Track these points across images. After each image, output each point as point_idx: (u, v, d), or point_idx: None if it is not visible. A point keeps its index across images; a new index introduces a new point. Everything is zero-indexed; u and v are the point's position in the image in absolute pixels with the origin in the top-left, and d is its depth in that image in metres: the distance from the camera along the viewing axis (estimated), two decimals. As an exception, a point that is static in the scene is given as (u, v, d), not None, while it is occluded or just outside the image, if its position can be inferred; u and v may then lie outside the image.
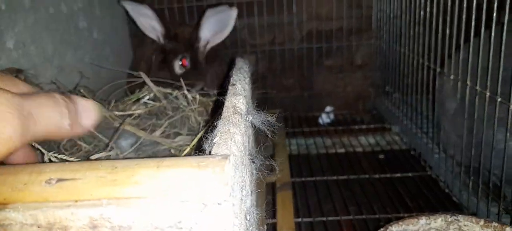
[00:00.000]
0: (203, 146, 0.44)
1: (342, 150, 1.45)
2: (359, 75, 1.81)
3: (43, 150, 0.65)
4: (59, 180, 0.33)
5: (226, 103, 0.54)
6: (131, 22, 1.70)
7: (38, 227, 0.32)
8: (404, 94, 1.42)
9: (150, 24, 1.38)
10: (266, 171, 0.61)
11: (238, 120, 0.49)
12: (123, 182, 0.32)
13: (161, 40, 1.37)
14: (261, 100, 1.78)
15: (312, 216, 1.07)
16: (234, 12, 1.36)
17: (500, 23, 0.85)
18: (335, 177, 1.24)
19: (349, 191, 1.18)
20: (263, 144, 0.62)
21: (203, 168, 0.32)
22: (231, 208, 0.32)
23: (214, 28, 1.38)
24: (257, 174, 0.63)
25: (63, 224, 0.32)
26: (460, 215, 0.77)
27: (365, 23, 1.73)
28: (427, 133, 1.26)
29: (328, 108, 1.81)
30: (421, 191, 1.14)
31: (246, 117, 0.52)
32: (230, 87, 0.63)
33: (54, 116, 0.38)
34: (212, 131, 0.47)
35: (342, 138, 1.53)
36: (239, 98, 0.57)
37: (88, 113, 0.44)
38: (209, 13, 1.34)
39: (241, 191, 0.39)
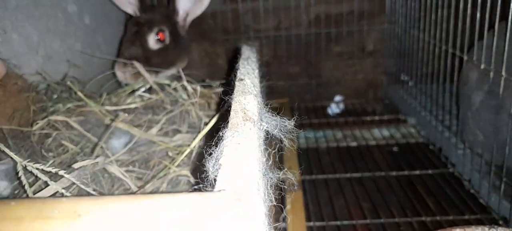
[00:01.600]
0: (207, 168, 0.34)
1: (354, 143, 1.34)
2: (370, 62, 1.70)
3: (16, 158, 0.55)
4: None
5: (234, 105, 0.44)
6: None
7: None
8: (422, 84, 1.31)
9: None
10: (286, 185, 0.51)
11: (250, 129, 0.39)
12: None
13: (137, 13, 1.20)
14: (266, 89, 1.68)
15: (325, 219, 0.98)
16: None
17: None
18: (348, 175, 1.14)
19: (364, 190, 1.08)
20: (277, 152, 0.51)
21: (209, 215, 0.22)
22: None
23: None
24: (272, 193, 0.53)
25: None
26: (499, 228, 0.67)
27: (378, 6, 1.61)
28: (449, 126, 1.16)
29: (337, 98, 1.71)
30: (443, 190, 1.05)
31: (259, 124, 0.42)
32: (237, 83, 0.53)
33: None
34: (217, 142, 0.37)
35: (354, 130, 1.43)
36: (249, 98, 0.46)
37: None
38: None
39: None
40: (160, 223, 0.23)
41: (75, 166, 0.61)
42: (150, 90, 0.98)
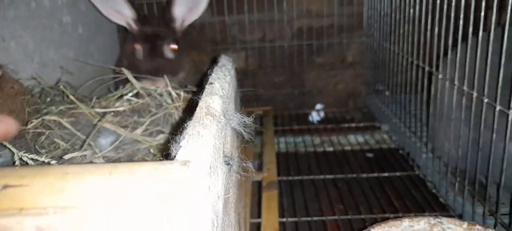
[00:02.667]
0: (171, 149, 0.42)
1: (331, 148, 1.43)
2: (350, 73, 1.80)
3: (13, 149, 0.63)
4: (5, 186, 0.31)
5: (200, 104, 0.53)
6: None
7: (-17, 236, 0.31)
8: (394, 93, 1.40)
9: (116, 9, 1.27)
10: (252, 167, 0.59)
11: (210, 122, 0.47)
12: (71, 190, 0.30)
13: (133, 25, 1.28)
14: (251, 97, 1.77)
15: (297, 215, 1.06)
16: None
17: (500, 24, 0.83)
18: (322, 176, 1.23)
19: (336, 190, 1.17)
20: (250, 140, 0.59)
21: (157, 176, 0.30)
22: (188, 218, 0.31)
23: (188, 4, 1.29)
24: (236, 175, 0.62)
25: (9, 233, 0.30)
26: (443, 218, 0.76)
27: (356, 21, 1.72)
28: (415, 132, 1.25)
29: (318, 106, 1.80)
30: (408, 190, 1.13)
31: (220, 119, 0.50)
32: (207, 86, 0.61)
33: None
34: (181, 133, 0.45)
35: (331, 136, 1.51)
36: (214, 98, 0.55)
37: None
38: None
39: (206, 197, 0.37)
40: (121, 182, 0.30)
41: (66, 157, 0.69)
42: (137, 95, 1.06)
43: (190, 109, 0.99)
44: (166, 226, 0.29)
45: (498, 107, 0.80)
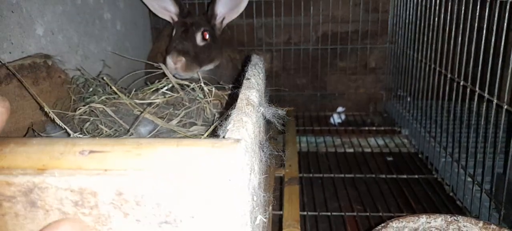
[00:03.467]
0: (218, 132, 0.48)
1: (351, 150, 1.48)
2: (372, 78, 1.84)
3: (69, 130, 0.70)
4: (91, 151, 0.37)
5: (241, 95, 0.59)
6: (153, 15, 1.77)
7: (71, 191, 0.37)
8: (415, 99, 1.44)
9: (162, 6, 1.36)
10: (274, 162, 0.65)
11: (251, 111, 0.53)
12: (146, 156, 0.36)
13: (176, 19, 1.36)
14: (274, 98, 1.83)
15: (317, 210, 1.11)
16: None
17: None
18: (342, 175, 1.28)
19: (355, 190, 1.21)
20: (274, 137, 0.66)
21: (217, 147, 0.37)
22: (240, 184, 0.37)
23: (230, 3, 1.37)
24: (266, 161, 0.68)
25: (92, 190, 0.37)
26: (460, 216, 0.80)
27: (381, 27, 1.76)
28: (435, 137, 1.28)
29: (340, 109, 1.84)
30: (426, 193, 1.17)
31: (258, 109, 0.56)
32: (245, 81, 0.67)
33: None
34: (226, 120, 0.52)
35: (352, 138, 1.56)
36: (252, 91, 0.61)
37: None
38: None
39: (250, 173, 0.43)
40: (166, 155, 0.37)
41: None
42: (172, 89, 1.13)
43: (224, 103, 1.06)
44: (223, 185, 0.35)
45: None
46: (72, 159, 0.38)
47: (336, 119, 1.80)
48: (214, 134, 0.51)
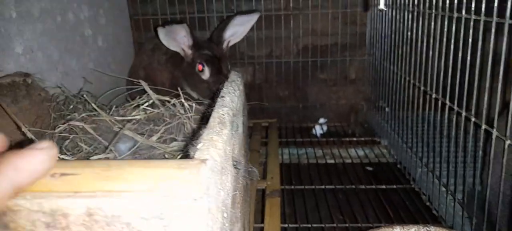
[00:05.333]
0: (189, 152, 0.50)
1: (332, 161, 1.50)
2: (352, 89, 1.88)
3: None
4: (62, 174, 0.39)
5: (213, 114, 0.61)
6: (136, 30, 1.78)
7: (43, 213, 0.39)
8: (393, 109, 1.48)
9: (176, 40, 1.39)
10: (256, 175, 0.67)
11: (222, 129, 0.55)
12: (115, 178, 0.38)
13: (186, 50, 1.41)
14: (257, 110, 1.85)
15: (298, 222, 1.13)
16: (257, 16, 1.48)
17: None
18: (322, 186, 1.30)
19: (335, 201, 1.24)
20: (257, 149, 0.68)
21: (183, 168, 0.38)
22: (206, 204, 0.38)
23: (237, 29, 1.47)
24: (242, 177, 0.69)
25: (64, 211, 0.38)
26: (432, 226, 0.83)
27: (359, 40, 1.80)
28: (411, 147, 1.32)
29: (321, 120, 1.88)
30: (404, 202, 1.20)
31: (231, 127, 0.58)
32: (218, 99, 0.69)
33: None
34: (198, 139, 0.53)
35: (333, 149, 1.58)
36: (225, 109, 0.63)
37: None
38: (238, 20, 1.44)
39: (219, 191, 0.45)
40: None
41: (92, 158, 0.77)
42: (152, 105, 1.15)
43: (201, 119, 1.07)
44: (189, 205, 0.37)
45: None
46: (43, 182, 0.39)
47: (318, 130, 1.83)
48: (186, 153, 0.53)
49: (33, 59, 1.09)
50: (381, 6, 1.08)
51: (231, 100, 0.70)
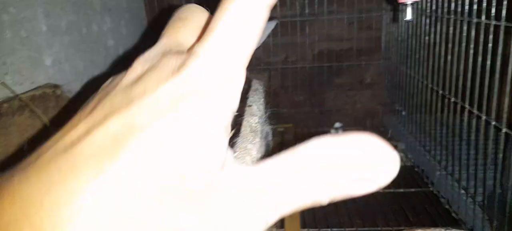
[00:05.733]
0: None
1: (350, 165, 1.52)
2: (368, 94, 1.89)
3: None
4: None
5: (244, 123, 0.63)
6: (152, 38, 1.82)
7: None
8: (410, 113, 1.49)
9: None
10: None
11: (254, 137, 0.58)
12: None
13: None
14: (274, 115, 1.87)
15: (318, 227, 1.15)
16: (274, 24, 1.49)
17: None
18: (341, 191, 1.31)
19: (354, 205, 1.25)
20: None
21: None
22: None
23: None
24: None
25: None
26: (453, 229, 0.84)
27: (375, 45, 1.81)
28: (429, 150, 1.33)
29: (337, 124, 1.89)
30: (423, 206, 1.21)
31: (260, 134, 0.61)
32: (247, 108, 0.72)
33: None
34: (231, 147, 0.56)
35: (350, 153, 1.59)
36: (255, 118, 0.66)
37: None
38: None
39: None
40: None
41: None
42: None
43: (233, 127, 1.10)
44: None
45: None
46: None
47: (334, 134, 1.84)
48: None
49: (61, 70, 1.13)
50: (408, 17, 1.10)
51: (258, 108, 0.73)
